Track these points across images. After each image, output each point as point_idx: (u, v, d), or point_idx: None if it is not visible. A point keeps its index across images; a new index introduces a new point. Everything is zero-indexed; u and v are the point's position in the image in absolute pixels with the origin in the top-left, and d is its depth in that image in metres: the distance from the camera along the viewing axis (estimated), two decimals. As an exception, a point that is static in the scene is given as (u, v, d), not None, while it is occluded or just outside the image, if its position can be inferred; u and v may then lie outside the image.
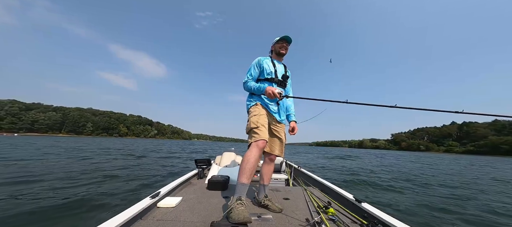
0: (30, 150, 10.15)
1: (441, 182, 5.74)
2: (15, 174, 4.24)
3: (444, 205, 3.34)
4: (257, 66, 1.61)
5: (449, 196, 4.02)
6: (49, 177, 4.09)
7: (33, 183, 3.56)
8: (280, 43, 1.65)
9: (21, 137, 48.90)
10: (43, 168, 5.14)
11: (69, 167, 5.41)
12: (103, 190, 3.30)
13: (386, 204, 3.33)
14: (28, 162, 5.96)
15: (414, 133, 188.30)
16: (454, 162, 16.61)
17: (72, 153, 9.19)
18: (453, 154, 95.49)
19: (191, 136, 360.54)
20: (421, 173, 7.70)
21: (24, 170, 4.70)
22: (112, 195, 3.02)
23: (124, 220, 1.03)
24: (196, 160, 2.76)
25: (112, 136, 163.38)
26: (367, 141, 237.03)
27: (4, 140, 20.74)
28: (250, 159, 1.32)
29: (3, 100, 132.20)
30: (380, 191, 4.28)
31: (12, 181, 3.62)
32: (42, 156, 7.53)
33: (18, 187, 3.25)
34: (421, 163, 13.27)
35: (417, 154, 44.96)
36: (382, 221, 1.23)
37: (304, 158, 13.63)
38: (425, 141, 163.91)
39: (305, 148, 31.90)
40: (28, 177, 4.03)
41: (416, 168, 9.89)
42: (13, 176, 4.00)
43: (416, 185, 5.13)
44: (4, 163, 5.57)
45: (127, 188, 3.50)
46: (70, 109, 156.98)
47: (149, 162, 7.33)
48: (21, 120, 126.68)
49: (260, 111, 1.52)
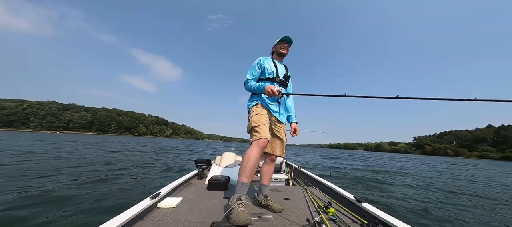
0: (104, 147, 12.00)
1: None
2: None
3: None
4: (258, 66, 1.62)
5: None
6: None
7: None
8: (281, 43, 1.67)
9: (62, 134, 55.70)
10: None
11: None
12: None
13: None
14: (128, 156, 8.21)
15: (440, 137, 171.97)
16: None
17: (146, 150, 11.70)
18: (488, 160, 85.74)
19: (203, 136, 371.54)
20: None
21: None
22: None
23: (124, 221, 1.04)
24: (196, 160, 2.74)
25: (133, 135, 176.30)
26: (386, 143, 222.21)
27: (51, 138, 23.57)
28: (250, 158, 1.31)
29: (44, 102, 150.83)
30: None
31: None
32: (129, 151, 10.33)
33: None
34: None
35: (447, 160, 39.61)
36: (383, 220, 1.22)
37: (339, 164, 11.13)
38: (454, 145, 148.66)
39: (319, 151, 29.94)
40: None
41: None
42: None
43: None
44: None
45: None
46: (98, 110, 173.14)
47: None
48: (59, 119, 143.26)
49: (261, 111, 1.52)
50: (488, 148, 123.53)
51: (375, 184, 5.25)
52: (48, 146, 10.65)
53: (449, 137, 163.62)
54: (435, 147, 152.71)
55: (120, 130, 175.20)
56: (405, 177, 6.97)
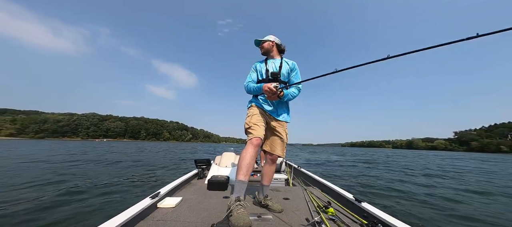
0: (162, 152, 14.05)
1: None
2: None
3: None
4: (253, 70, 1.72)
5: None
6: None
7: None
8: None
9: (107, 141, 63.08)
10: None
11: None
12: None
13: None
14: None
15: (490, 130, 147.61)
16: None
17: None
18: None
19: (220, 139, 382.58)
20: None
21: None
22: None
23: (124, 221, 1.04)
24: (195, 160, 2.73)
25: (159, 140, 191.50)
26: (419, 140, 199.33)
27: (103, 146, 25.98)
28: (245, 156, 1.36)
29: (87, 114, 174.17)
30: None
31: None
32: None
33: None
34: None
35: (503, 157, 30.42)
36: (382, 220, 1.23)
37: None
38: (509, 139, 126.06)
39: (344, 152, 24.97)
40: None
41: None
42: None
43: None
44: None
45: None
46: (129, 119, 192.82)
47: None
48: (99, 128, 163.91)
49: (253, 111, 1.57)
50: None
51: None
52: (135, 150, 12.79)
53: (501, 130, 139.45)
54: (484, 143, 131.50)
55: (148, 136, 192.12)
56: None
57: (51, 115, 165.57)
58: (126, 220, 1.06)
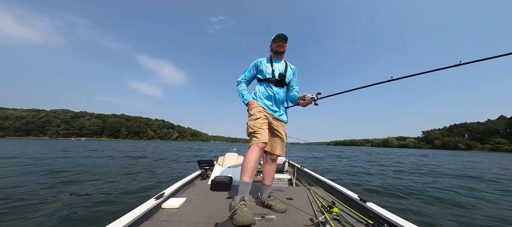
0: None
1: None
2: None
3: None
4: (253, 68, 1.67)
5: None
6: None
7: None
8: (276, 42, 1.66)
9: (87, 141, 57.48)
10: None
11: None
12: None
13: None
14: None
15: (450, 130, 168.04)
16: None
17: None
18: (501, 153, 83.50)
19: (208, 138, 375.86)
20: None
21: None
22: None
23: (130, 221, 1.06)
24: (199, 161, 2.75)
25: (142, 139, 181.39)
26: (393, 139, 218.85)
27: (84, 144, 24.99)
28: (251, 159, 1.35)
29: (58, 110, 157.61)
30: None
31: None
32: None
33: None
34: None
35: (459, 153, 37.97)
36: (388, 220, 1.21)
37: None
38: (466, 139, 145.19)
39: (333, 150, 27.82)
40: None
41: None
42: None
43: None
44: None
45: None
46: (108, 116, 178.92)
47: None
48: (72, 126, 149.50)
49: (257, 113, 1.52)
50: (501, 140, 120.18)
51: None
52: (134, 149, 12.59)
53: (460, 130, 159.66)
54: (445, 141, 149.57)
55: (130, 135, 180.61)
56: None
57: (13, 111, 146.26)
58: (131, 221, 1.07)
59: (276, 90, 1.62)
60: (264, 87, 1.64)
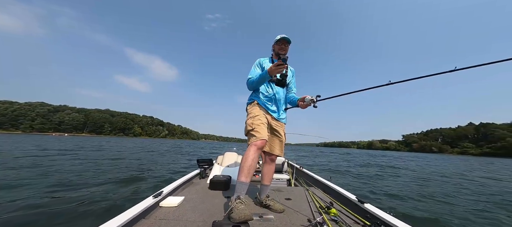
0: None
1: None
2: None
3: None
4: (258, 66, 1.69)
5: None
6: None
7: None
8: (279, 44, 1.68)
9: (71, 137, 52.33)
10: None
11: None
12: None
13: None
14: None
15: (427, 134, 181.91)
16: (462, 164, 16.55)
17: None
18: (468, 156, 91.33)
19: (199, 136, 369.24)
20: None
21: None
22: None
23: (127, 219, 1.06)
24: (198, 159, 2.78)
25: (128, 136, 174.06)
26: (377, 142, 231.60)
27: (66, 140, 24.26)
28: (248, 158, 1.35)
29: (33, 103, 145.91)
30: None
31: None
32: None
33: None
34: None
35: (427, 156, 41.43)
36: (385, 222, 1.21)
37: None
38: (439, 143, 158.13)
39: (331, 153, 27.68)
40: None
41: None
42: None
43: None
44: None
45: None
46: (90, 111, 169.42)
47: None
48: (49, 120, 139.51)
49: (256, 111, 1.54)
50: (468, 145, 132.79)
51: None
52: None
53: (435, 135, 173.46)
54: (421, 144, 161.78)
55: (114, 131, 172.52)
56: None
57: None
58: (129, 219, 1.08)
59: (276, 90, 1.63)
60: (265, 86, 1.64)
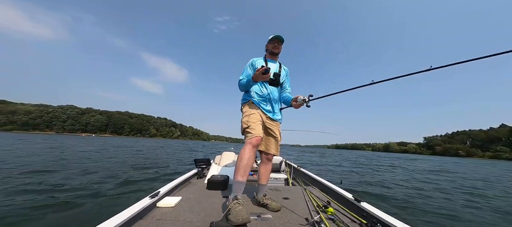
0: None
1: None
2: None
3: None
4: (250, 66, 1.69)
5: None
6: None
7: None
8: (272, 43, 1.69)
9: (98, 137, 56.52)
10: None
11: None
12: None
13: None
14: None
15: (452, 137, 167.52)
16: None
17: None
18: (501, 161, 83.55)
19: (209, 137, 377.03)
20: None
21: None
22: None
23: (123, 220, 1.04)
24: (195, 159, 2.77)
25: (144, 137, 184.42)
26: (395, 144, 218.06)
27: (97, 141, 25.97)
28: (244, 157, 1.36)
29: (64, 106, 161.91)
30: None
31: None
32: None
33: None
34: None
35: (460, 161, 36.49)
36: (381, 220, 1.23)
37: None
38: (467, 146, 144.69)
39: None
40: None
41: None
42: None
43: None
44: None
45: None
46: (112, 113, 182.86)
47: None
48: (78, 122, 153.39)
49: (250, 110, 1.56)
50: (502, 148, 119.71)
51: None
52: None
53: (462, 137, 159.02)
54: (446, 147, 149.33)
55: (132, 132, 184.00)
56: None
57: (21, 105, 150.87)
58: (125, 220, 1.06)
59: (270, 89, 1.65)
60: (259, 86, 1.65)
